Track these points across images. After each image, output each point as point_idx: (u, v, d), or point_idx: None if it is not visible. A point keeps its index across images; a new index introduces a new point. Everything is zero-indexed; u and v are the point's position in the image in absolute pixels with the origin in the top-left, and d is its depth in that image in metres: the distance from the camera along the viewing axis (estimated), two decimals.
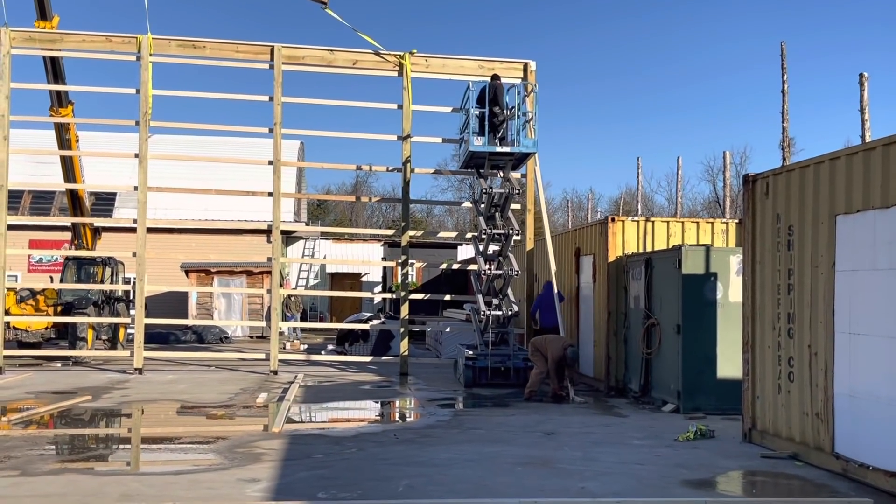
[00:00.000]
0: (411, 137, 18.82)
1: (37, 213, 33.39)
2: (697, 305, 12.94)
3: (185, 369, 18.98)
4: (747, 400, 10.51)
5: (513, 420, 12.23)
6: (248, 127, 19.58)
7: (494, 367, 16.03)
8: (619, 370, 15.48)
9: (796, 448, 9.40)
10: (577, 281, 17.45)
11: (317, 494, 7.47)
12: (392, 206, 69.87)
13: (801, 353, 9.35)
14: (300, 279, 37.02)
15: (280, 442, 10.12)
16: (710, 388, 12.79)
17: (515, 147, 16.48)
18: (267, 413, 12.62)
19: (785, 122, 17.01)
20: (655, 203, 63.02)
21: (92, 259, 21.82)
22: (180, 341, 27.20)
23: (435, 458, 9.27)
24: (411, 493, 7.62)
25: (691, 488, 7.98)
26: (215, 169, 30.31)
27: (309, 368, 19.49)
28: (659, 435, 10.94)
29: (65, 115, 19.90)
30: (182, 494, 7.43)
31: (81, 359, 19.96)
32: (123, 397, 14.18)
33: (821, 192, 9.04)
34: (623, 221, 15.81)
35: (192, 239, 32.11)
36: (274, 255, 18.56)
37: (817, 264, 9.07)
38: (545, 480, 8.26)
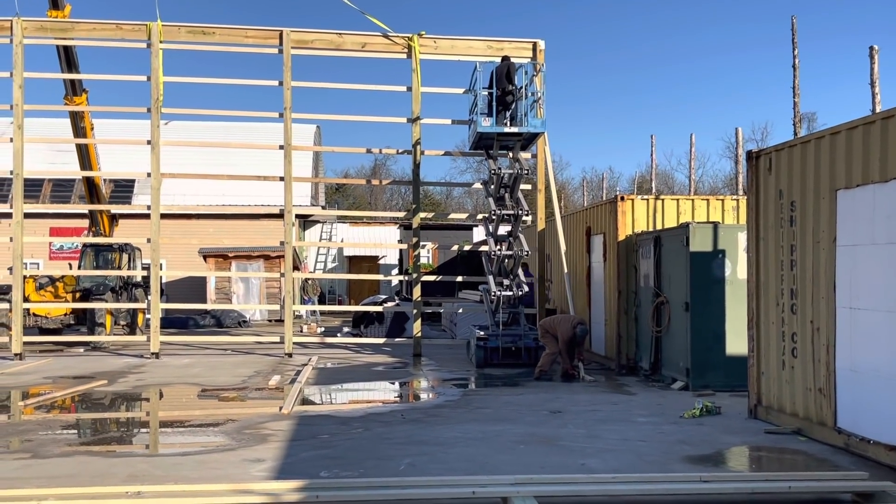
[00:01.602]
0: (421, 119, 18.83)
1: (57, 200, 33.78)
2: (706, 283, 12.93)
3: (201, 353, 19.22)
4: (752, 376, 10.52)
5: (521, 399, 12.31)
6: (259, 112, 19.70)
7: (505, 347, 16.11)
8: (630, 348, 15.51)
9: (800, 423, 9.42)
10: (589, 260, 17.46)
11: (319, 473, 7.59)
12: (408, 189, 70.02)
13: (803, 328, 9.35)
14: (318, 262, 37.26)
15: (288, 423, 10.26)
16: (719, 365, 12.80)
17: (523, 127, 16.46)
18: (278, 395, 12.77)
19: (796, 97, 16.84)
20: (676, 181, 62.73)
21: (109, 245, 22.11)
22: (199, 326, 27.48)
23: (439, 437, 9.38)
24: (412, 471, 7.72)
25: (692, 464, 8.03)
26: (232, 155, 30.55)
27: (324, 351, 19.68)
28: (665, 412, 10.99)
29: (79, 104, 20.09)
30: (187, 475, 7.58)
31: (100, 344, 20.28)
32: (138, 381, 14.41)
33: (822, 167, 9.01)
34: (633, 200, 15.78)
35: (210, 224, 32.42)
36: (286, 239, 18.70)
37: (819, 239, 9.05)
38: (546, 458, 8.34)
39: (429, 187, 63.88)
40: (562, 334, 14.34)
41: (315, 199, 39.72)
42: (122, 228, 23.87)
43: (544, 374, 14.55)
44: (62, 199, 34.10)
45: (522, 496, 6.25)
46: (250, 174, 21.39)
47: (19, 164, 18.25)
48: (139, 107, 19.06)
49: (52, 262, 32.75)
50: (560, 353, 14.47)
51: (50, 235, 29.61)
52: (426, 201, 64.92)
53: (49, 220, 31.04)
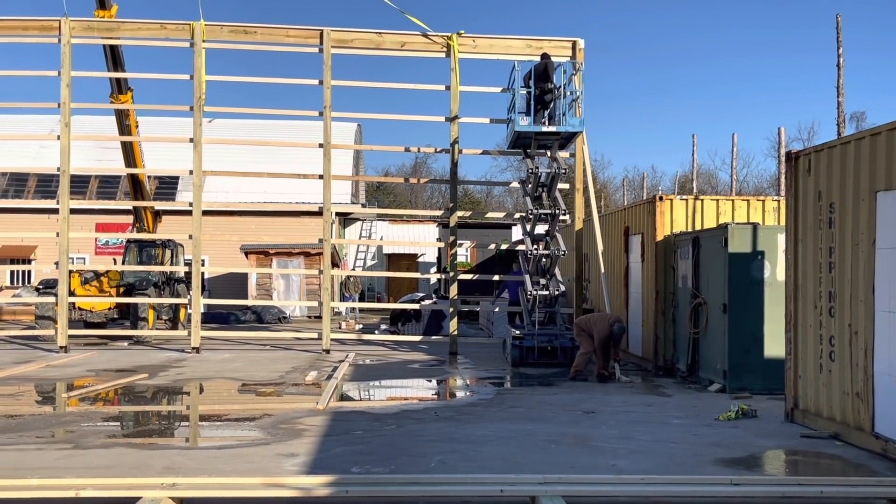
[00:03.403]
0: (459, 118, 18.88)
1: (103, 197, 34.48)
2: (744, 284, 12.79)
3: (240, 348, 19.49)
4: (789, 379, 10.40)
5: (555, 399, 12.31)
6: (299, 111, 19.90)
7: (541, 346, 16.09)
8: (667, 350, 15.40)
9: (837, 428, 9.29)
10: (627, 260, 17.36)
11: (351, 469, 7.67)
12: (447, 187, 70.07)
13: (841, 332, 9.22)
14: (357, 260, 37.52)
15: (323, 418, 10.39)
16: (757, 367, 12.66)
17: (561, 126, 16.43)
18: (314, 391, 12.91)
19: (840, 97, 16.55)
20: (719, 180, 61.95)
21: (152, 241, 22.53)
22: (240, 321, 27.87)
23: (471, 435, 9.42)
24: (443, 468, 7.77)
25: (723, 466, 7.97)
26: (274, 153, 30.92)
27: (361, 348, 19.84)
28: (700, 414, 10.91)
29: (124, 102, 20.49)
30: (221, 468, 7.72)
31: (143, 338, 20.66)
32: (178, 375, 14.67)
33: (862, 168, 8.87)
34: (671, 200, 15.67)
35: (252, 221, 32.89)
36: (325, 236, 18.87)
37: (858, 242, 8.92)
38: (577, 457, 8.34)
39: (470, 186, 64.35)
40: (598, 332, 14.28)
41: (355, 197, 40.02)
42: (166, 224, 24.30)
43: (580, 374, 14.50)
44: (108, 196, 34.81)
45: (550, 496, 6.27)
46: (292, 172, 21.61)
47: (66, 161, 18.66)
48: (182, 105, 19.39)
49: (97, 256, 33.48)
50: (595, 353, 14.42)
51: (96, 231, 30.18)
52: (466, 200, 65.06)
53: (95, 216, 31.67)
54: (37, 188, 35.58)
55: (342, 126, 37.00)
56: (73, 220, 19.15)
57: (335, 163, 19.36)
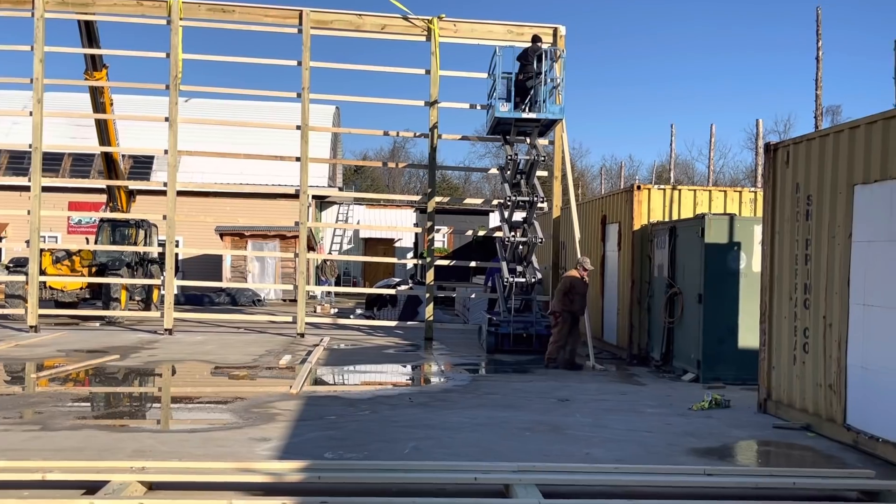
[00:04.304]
0: (439, 103, 18.76)
1: (77, 175, 33.96)
2: (720, 275, 12.83)
3: (214, 331, 19.33)
4: (763, 370, 10.45)
5: (530, 386, 12.30)
6: (277, 91, 19.64)
7: (517, 333, 16.08)
8: (642, 339, 15.45)
9: (809, 419, 9.35)
10: (603, 249, 17.38)
11: (323, 454, 7.60)
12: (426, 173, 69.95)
13: (816, 324, 9.26)
14: (334, 244, 37.30)
15: (296, 403, 10.30)
16: (731, 358, 12.71)
17: (541, 113, 16.35)
18: (288, 374, 12.81)
19: (819, 90, 16.61)
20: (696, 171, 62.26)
21: (126, 221, 22.24)
22: (214, 303, 27.66)
23: (446, 422, 9.38)
24: (417, 454, 7.73)
25: (697, 457, 7.99)
26: (252, 134, 30.52)
27: (336, 332, 19.75)
28: (673, 404, 10.94)
29: (99, 79, 20.14)
30: (193, 451, 7.62)
31: (114, 319, 20.43)
32: (150, 357, 14.51)
33: (840, 161, 8.89)
34: (649, 189, 15.68)
35: (228, 203, 32.55)
36: (301, 219, 18.72)
37: (834, 234, 8.94)
38: (551, 445, 8.32)
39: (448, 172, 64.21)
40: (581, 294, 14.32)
41: (333, 180, 39.73)
42: (141, 205, 24.00)
43: (553, 362, 14.48)
44: (81, 174, 34.29)
45: (524, 484, 6.24)
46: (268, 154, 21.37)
47: (38, 138, 18.34)
48: (158, 84, 19.10)
49: (70, 235, 33.04)
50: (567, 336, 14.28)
51: (69, 209, 29.75)
52: (444, 185, 64.91)
53: (68, 195, 31.22)
54: (8, 165, 34.99)
55: (321, 109, 36.67)
56: (45, 199, 18.85)
57: (313, 145, 19.19)
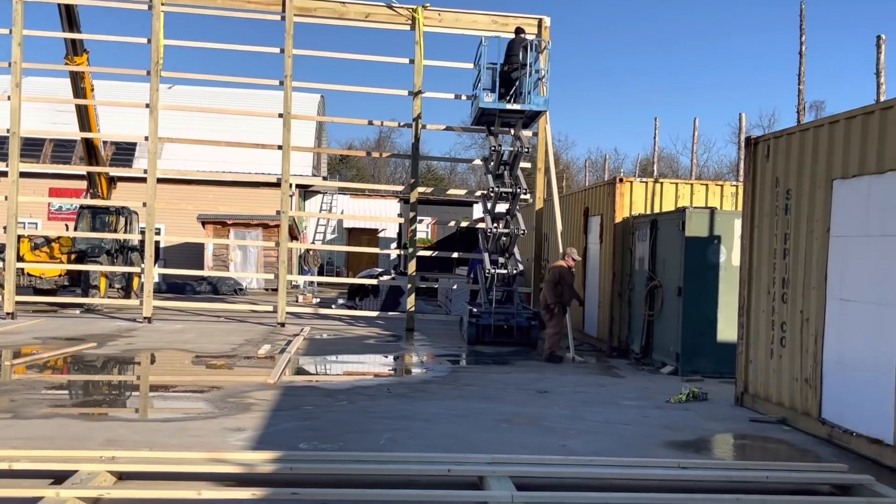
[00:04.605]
0: (423, 93, 18.67)
1: (58, 161, 33.63)
2: (700, 268, 12.85)
3: (194, 319, 19.21)
4: (741, 364, 10.47)
5: (509, 378, 12.28)
6: (259, 79, 19.49)
7: (498, 324, 16.04)
8: (623, 331, 15.46)
9: (785, 413, 9.38)
10: (586, 241, 17.36)
11: (298, 445, 7.56)
12: None
13: (793, 318, 9.28)
14: (317, 233, 37.16)
15: (273, 393, 10.24)
16: (710, 351, 12.73)
17: (525, 105, 16.30)
18: (267, 364, 12.73)
19: (801, 84, 16.63)
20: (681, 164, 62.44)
21: (106, 208, 22.05)
22: (195, 292, 27.50)
23: (423, 413, 9.35)
24: (392, 446, 7.69)
25: (673, 449, 7.99)
26: (236, 122, 30.29)
27: (317, 322, 19.67)
28: (651, 396, 10.95)
29: (79, 64, 19.92)
30: (166, 441, 7.56)
31: (94, 306, 20.26)
32: (128, 345, 14.39)
33: (819, 156, 8.90)
34: (631, 182, 15.67)
35: (210, 191, 32.32)
36: (283, 208, 18.61)
37: (813, 229, 8.96)
38: (527, 437, 8.30)
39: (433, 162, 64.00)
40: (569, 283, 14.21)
41: (317, 169, 39.54)
42: (123, 192, 23.79)
43: (555, 356, 14.11)
44: (63, 160, 33.94)
45: (498, 476, 6.22)
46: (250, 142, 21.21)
47: (16, 123, 18.13)
48: (139, 69, 18.91)
49: (50, 222, 32.68)
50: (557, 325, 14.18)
51: (49, 196, 29.51)
52: (429, 176, 64.69)
53: (49, 181, 30.97)
54: None
55: (305, 97, 36.44)
56: (25, 184, 18.69)
57: (297, 134, 19.04)
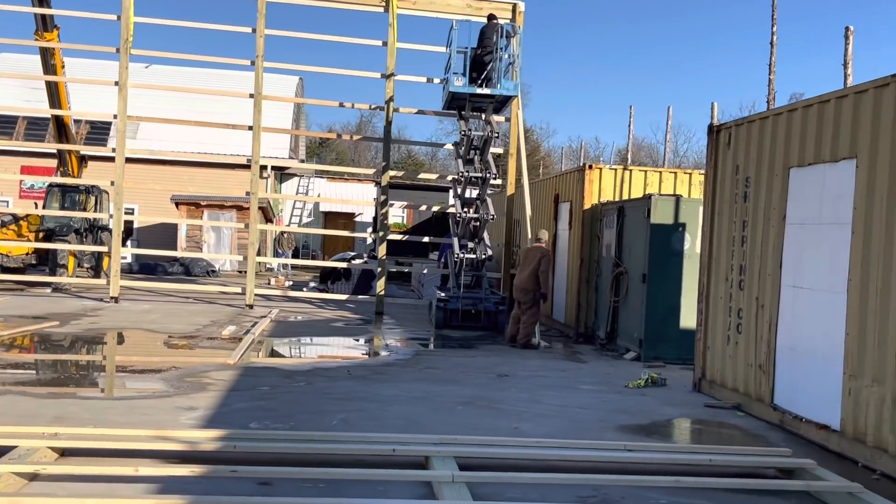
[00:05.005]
0: (395, 76, 18.58)
1: (31, 139, 33.24)
2: (664, 255, 12.91)
3: (162, 300, 19.10)
4: (699, 350, 10.55)
5: (471, 361, 12.30)
6: (229, 59, 19.34)
7: (465, 309, 16.07)
8: (589, 317, 15.53)
9: (740, 399, 9.45)
10: (556, 227, 17.39)
11: (249, 424, 7.53)
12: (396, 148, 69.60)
13: (749, 305, 9.35)
14: (293, 216, 37.03)
15: (232, 373, 10.20)
16: (672, 337, 12.81)
17: (496, 90, 16.26)
18: (229, 345, 12.67)
19: (772, 74, 16.70)
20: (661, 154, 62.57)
21: (76, 187, 21.84)
22: (167, 273, 27.36)
23: (380, 395, 9.34)
24: (344, 426, 7.67)
25: (625, 433, 8.03)
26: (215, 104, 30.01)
27: (287, 304, 19.62)
28: (611, 381, 11.00)
29: (50, 40, 19.69)
30: (115, 419, 7.51)
31: (61, 285, 20.11)
32: (92, 324, 14.29)
33: (778, 143, 8.94)
34: (600, 169, 15.71)
35: (186, 171, 32.04)
36: (252, 189, 18.50)
37: (769, 217, 9.02)
38: (481, 420, 8.32)
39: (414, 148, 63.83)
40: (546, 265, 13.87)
41: (295, 152, 39.34)
42: (96, 171, 23.57)
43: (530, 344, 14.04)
44: (36, 138, 33.55)
45: (443, 456, 6.23)
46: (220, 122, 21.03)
47: None
48: (109, 46, 18.71)
49: (22, 200, 32.37)
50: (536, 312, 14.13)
51: (21, 173, 29.21)
52: (410, 161, 64.58)
53: (21, 158, 30.67)
54: None
55: (283, 79, 36.20)
56: None
57: (274, 116, 18.94)
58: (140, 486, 5.58)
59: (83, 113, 23.81)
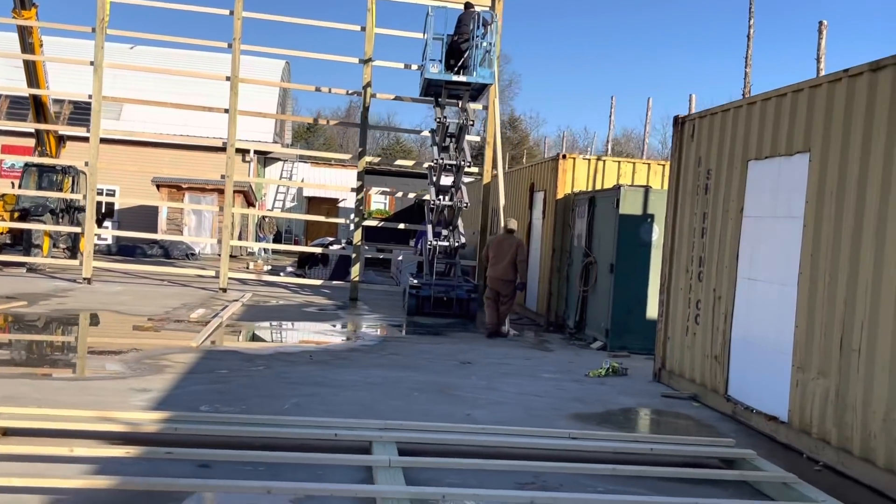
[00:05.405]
0: (373, 61, 18.52)
1: (14, 118, 33.00)
2: (632, 246, 12.94)
3: (136, 282, 19.05)
4: (659, 340, 10.60)
5: (437, 348, 12.33)
6: (206, 41, 19.19)
7: (438, 296, 16.08)
8: (560, 306, 15.57)
9: (697, 389, 9.51)
10: (530, 216, 17.43)
11: (199, 407, 7.54)
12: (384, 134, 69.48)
13: (707, 296, 9.40)
14: (276, 201, 36.94)
15: (193, 356, 10.19)
16: (639, 328, 12.84)
17: (471, 77, 16.23)
18: (196, 328, 12.65)
19: (748, 67, 16.71)
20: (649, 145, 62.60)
21: (53, 167, 21.71)
22: (146, 255, 27.26)
23: (338, 380, 9.36)
24: (295, 410, 7.69)
25: (576, 421, 8.08)
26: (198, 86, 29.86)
27: (261, 289, 19.60)
28: (572, 370, 11.04)
29: (28, 18, 19.53)
30: (66, 399, 7.50)
31: (36, 266, 20.01)
32: (59, 305, 14.25)
33: (738, 136, 8.97)
34: (574, 159, 15.72)
35: (167, 154, 31.91)
36: (228, 172, 18.44)
37: (728, 209, 9.06)
38: (435, 406, 8.35)
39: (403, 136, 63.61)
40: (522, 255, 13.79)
41: (280, 136, 39.19)
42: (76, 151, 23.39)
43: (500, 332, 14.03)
44: (19, 117, 33.31)
45: (385, 441, 6.25)
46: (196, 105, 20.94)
47: None
48: (85, 26, 18.57)
49: (2, 179, 32.18)
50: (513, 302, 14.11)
51: (2, 153, 29.02)
52: (398, 148, 64.46)
53: (3, 138, 30.43)
54: None
55: (269, 63, 36.05)
56: None
57: (258, 100, 18.78)
58: (77, 467, 5.57)
59: (60, 93, 23.59)
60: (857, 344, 6.66)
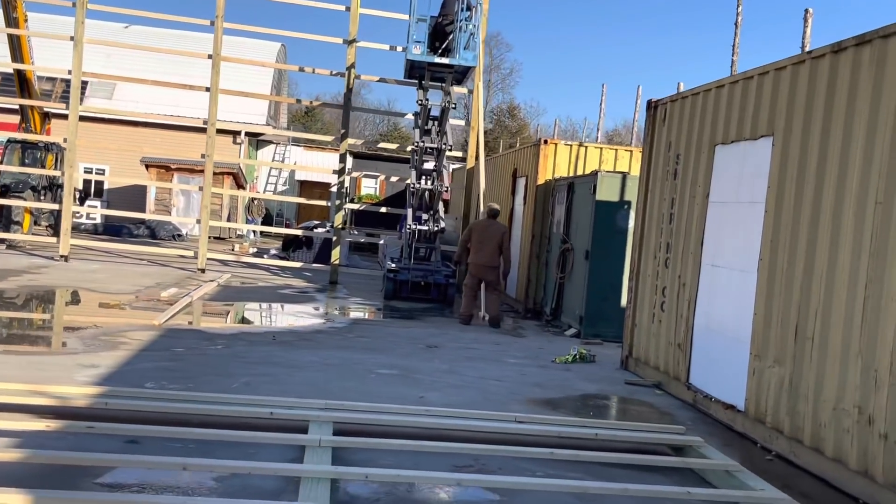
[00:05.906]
0: (357, 42, 18.31)
1: (5, 94, 32.78)
2: (608, 232, 12.77)
3: (115, 261, 18.90)
4: (627, 327, 10.45)
5: (406, 332, 12.18)
6: (187, 18, 18.94)
7: (415, 281, 15.93)
8: (538, 293, 15.42)
9: (661, 377, 9.37)
10: (512, 202, 17.25)
11: (145, 384, 7.39)
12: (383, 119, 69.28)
13: (672, 283, 9.24)
14: (268, 184, 36.75)
15: (152, 334, 10.05)
16: (613, 315, 12.65)
17: (454, 59, 16.01)
18: (163, 307, 12.50)
19: (735, 55, 16.47)
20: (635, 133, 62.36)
21: (36, 143, 21.52)
22: (133, 235, 27.10)
23: (296, 360, 9.21)
24: (245, 389, 7.54)
25: (532, 406, 7.93)
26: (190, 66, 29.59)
27: (242, 270, 19.45)
28: (539, 356, 10.89)
29: None
30: (9, 374, 7.34)
31: (15, 242, 19.86)
32: (30, 281, 14.11)
33: (706, 120, 8.80)
34: (556, 144, 15.53)
35: (158, 134, 31.68)
36: (207, 152, 18.23)
37: (695, 194, 8.89)
38: (390, 388, 8.21)
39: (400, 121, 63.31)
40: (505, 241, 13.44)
41: (275, 119, 38.97)
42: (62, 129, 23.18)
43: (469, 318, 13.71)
44: (10, 94, 33.09)
45: (322, 421, 6.12)
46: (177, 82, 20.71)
47: None
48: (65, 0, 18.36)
49: None
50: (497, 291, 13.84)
51: None
52: (395, 134, 64.15)
53: None
54: None
55: (264, 44, 35.82)
56: None
57: (253, 81, 18.57)
58: None
59: (41, 68, 23.31)
60: (811, 332, 6.51)
